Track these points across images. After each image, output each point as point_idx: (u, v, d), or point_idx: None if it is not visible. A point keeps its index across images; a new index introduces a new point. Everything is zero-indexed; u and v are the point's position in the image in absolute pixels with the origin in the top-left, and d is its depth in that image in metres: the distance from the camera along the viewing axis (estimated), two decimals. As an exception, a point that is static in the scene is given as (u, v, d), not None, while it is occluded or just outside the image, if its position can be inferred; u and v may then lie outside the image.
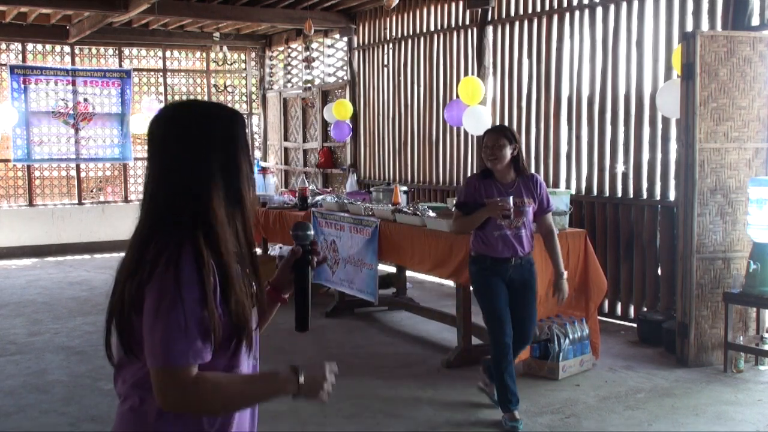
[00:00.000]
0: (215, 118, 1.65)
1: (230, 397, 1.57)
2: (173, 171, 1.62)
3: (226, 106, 1.74)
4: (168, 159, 1.63)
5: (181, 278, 1.51)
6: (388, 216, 6.20)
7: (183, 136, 1.63)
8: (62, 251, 11.24)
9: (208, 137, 1.62)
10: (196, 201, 1.59)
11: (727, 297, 5.30)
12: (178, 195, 1.60)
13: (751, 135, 5.51)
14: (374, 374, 5.35)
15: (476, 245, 4.43)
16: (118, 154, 11.79)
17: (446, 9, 8.74)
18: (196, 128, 1.63)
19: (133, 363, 1.62)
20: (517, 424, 4.36)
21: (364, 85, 10.31)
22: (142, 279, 1.55)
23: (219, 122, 1.65)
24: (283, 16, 9.94)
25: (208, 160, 1.61)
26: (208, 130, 1.63)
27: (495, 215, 4.22)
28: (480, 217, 4.28)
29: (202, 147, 1.62)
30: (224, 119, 1.66)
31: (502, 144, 4.28)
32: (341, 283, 6.79)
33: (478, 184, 4.36)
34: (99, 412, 4.72)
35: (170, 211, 1.60)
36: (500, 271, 4.35)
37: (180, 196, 1.60)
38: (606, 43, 6.82)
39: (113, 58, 11.90)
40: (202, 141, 1.62)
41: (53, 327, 6.85)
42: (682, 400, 4.78)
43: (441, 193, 8.84)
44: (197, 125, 1.63)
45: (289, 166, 12.19)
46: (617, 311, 6.78)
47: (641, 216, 6.52)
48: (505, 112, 7.95)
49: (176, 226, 1.58)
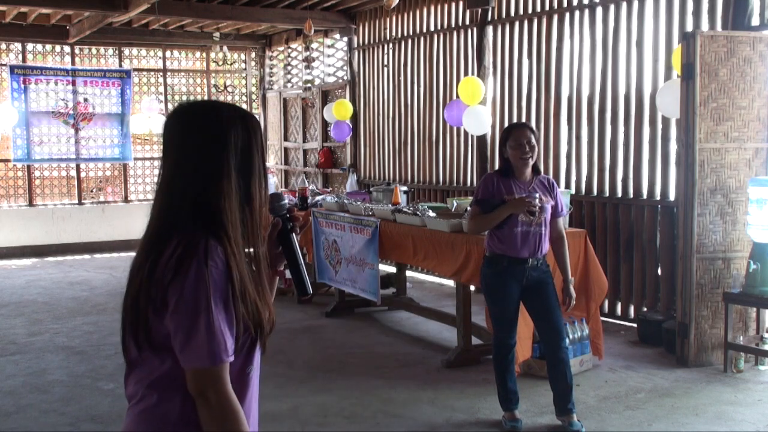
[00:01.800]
0: (230, 119, 1.66)
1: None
2: (188, 170, 1.62)
3: (239, 108, 1.74)
4: (183, 158, 1.64)
5: (211, 278, 1.53)
6: (388, 216, 6.20)
7: (198, 136, 1.64)
8: (62, 251, 11.24)
9: (223, 138, 1.63)
10: (210, 201, 1.61)
11: (727, 297, 5.30)
12: (194, 195, 1.61)
13: (751, 135, 5.51)
14: (374, 374, 5.35)
15: (492, 245, 4.30)
16: (118, 154, 11.79)
17: (446, 9, 8.74)
18: (212, 128, 1.64)
19: (147, 362, 1.62)
20: (517, 424, 4.36)
21: (364, 85, 10.31)
22: (166, 278, 1.55)
23: (234, 123, 1.66)
24: (283, 16, 9.94)
25: (222, 160, 1.62)
26: (224, 131, 1.64)
27: (520, 212, 4.13)
28: (502, 214, 4.16)
29: (217, 147, 1.63)
30: (239, 120, 1.67)
31: (534, 143, 4.24)
32: (345, 283, 6.79)
33: (498, 182, 4.27)
34: (99, 412, 4.72)
35: (186, 211, 1.61)
36: (516, 272, 4.25)
37: (195, 196, 1.61)
38: (606, 43, 6.82)
39: (113, 58, 11.91)
40: (217, 141, 1.63)
41: (53, 327, 6.85)
42: (682, 400, 4.78)
43: (441, 193, 8.83)
44: (212, 125, 1.64)
45: (289, 166, 12.19)
46: (617, 311, 6.78)
47: (641, 216, 6.52)
48: (505, 112, 7.95)
49: (195, 226, 1.59)
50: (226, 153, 1.63)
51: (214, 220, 1.60)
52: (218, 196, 1.61)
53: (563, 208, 4.45)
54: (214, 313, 1.53)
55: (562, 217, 4.44)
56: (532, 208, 4.11)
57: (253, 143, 1.67)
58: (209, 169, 1.61)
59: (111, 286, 8.70)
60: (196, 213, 1.60)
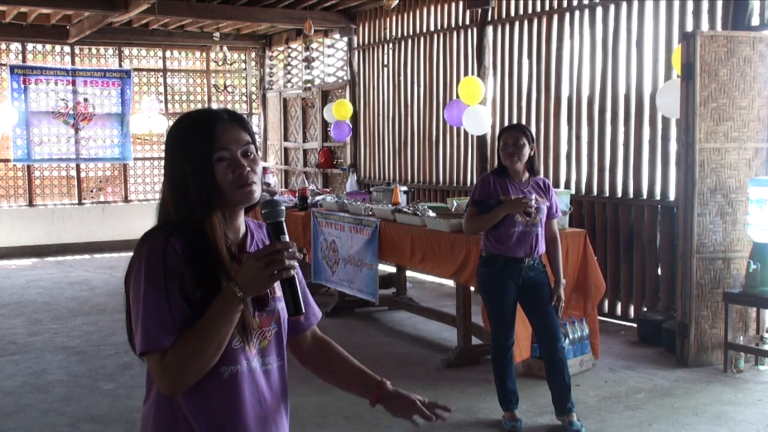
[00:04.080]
0: (175, 125, 1.74)
1: (195, 339, 1.58)
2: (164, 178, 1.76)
3: (187, 113, 1.78)
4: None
5: (142, 271, 1.60)
6: (388, 216, 6.20)
7: (166, 147, 1.76)
8: (62, 251, 11.24)
9: (171, 147, 1.72)
10: (169, 206, 1.70)
11: (727, 297, 5.30)
12: (163, 201, 1.73)
13: (751, 135, 5.51)
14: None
15: (488, 245, 4.32)
16: (118, 154, 11.79)
17: (446, 9, 8.74)
18: (169, 139, 1.73)
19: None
20: (517, 423, 4.36)
21: (364, 85, 10.31)
22: (125, 275, 1.68)
23: (173, 132, 1.73)
24: (283, 16, 9.94)
25: (175, 168, 1.69)
26: (171, 140, 1.72)
27: (516, 212, 4.16)
28: (498, 215, 4.19)
29: (170, 157, 1.71)
30: (173, 128, 1.74)
31: (523, 143, 4.25)
32: (341, 283, 6.79)
33: (494, 183, 4.29)
34: (99, 412, 4.72)
35: (161, 214, 1.73)
36: (513, 272, 4.27)
37: (163, 201, 1.72)
38: (606, 43, 6.82)
39: (113, 58, 11.91)
40: (170, 151, 1.72)
41: (53, 327, 6.85)
42: (682, 400, 4.78)
43: (441, 193, 8.83)
44: (169, 135, 1.74)
45: (289, 166, 12.19)
46: (617, 311, 6.78)
47: (641, 216, 6.52)
48: (505, 112, 7.95)
49: (158, 227, 1.69)
50: (174, 162, 1.70)
51: (180, 222, 1.68)
52: (172, 202, 1.70)
53: (558, 209, 4.46)
54: (148, 304, 1.59)
55: (556, 219, 4.45)
56: (529, 209, 4.13)
57: (176, 151, 1.70)
58: (168, 178, 1.72)
59: (111, 286, 8.70)
60: (166, 216, 1.72)
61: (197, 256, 1.63)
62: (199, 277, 1.62)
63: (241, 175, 1.67)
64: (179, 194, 1.67)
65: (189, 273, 1.61)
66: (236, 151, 1.67)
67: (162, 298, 1.58)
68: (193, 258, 1.62)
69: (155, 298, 1.58)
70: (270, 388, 1.75)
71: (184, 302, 1.60)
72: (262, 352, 1.72)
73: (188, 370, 1.58)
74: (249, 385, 1.69)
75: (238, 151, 1.68)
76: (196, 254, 1.63)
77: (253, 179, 1.69)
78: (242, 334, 1.66)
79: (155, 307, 1.58)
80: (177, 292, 1.59)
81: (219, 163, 1.66)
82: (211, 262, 1.64)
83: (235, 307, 1.58)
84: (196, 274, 1.62)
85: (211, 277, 1.63)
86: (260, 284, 1.57)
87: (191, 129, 1.69)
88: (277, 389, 1.77)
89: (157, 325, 1.58)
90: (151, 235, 1.66)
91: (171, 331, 1.58)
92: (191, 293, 1.61)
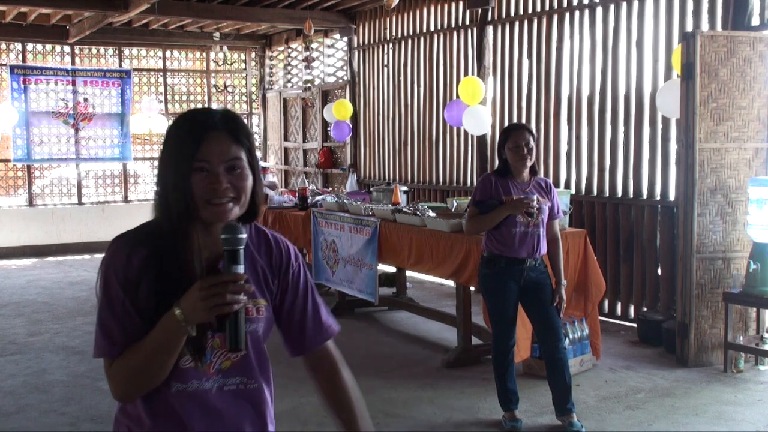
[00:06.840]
0: (170, 124, 1.71)
1: (137, 356, 1.56)
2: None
3: (188, 111, 1.69)
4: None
5: (101, 281, 1.62)
6: (388, 216, 6.20)
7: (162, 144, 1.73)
8: (62, 251, 11.24)
9: (164, 144, 1.67)
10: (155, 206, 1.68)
11: (727, 297, 5.30)
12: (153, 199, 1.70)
13: (751, 135, 5.51)
14: (374, 374, 5.35)
15: (490, 245, 4.30)
16: (118, 154, 11.79)
17: (446, 9, 8.74)
18: (165, 136, 1.69)
19: None
20: (517, 423, 4.36)
21: (364, 85, 10.31)
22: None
23: (168, 129, 1.67)
24: (283, 16, 9.94)
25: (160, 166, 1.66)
26: (165, 138, 1.67)
27: (518, 213, 4.14)
28: (499, 216, 4.17)
29: (161, 154, 1.68)
30: (170, 124, 1.70)
31: (532, 145, 4.24)
32: (341, 283, 6.79)
33: (496, 183, 4.28)
34: (99, 412, 4.72)
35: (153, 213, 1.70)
36: (514, 273, 4.25)
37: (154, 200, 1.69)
38: (606, 43, 6.82)
39: (113, 58, 11.91)
40: (162, 148, 1.67)
41: (53, 327, 6.85)
42: (682, 400, 4.78)
43: (441, 193, 8.83)
44: (165, 133, 1.70)
45: (289, 166, 12.19)
46: (617, 311, 6.78)
47: (641, 216, 6.52)
48: (505, 112, 7.96)
49: (129, 232, 1.67)
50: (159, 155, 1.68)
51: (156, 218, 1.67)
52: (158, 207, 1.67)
53: (559, 210, 4.46)
54: (103, 312, 1.60)
55: (558, 219, 4.45)
56: (530, 210, 4.11)
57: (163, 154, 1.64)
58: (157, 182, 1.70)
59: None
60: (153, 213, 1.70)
61: (157, 268, 1.58)
62: (154, 291, 1.58)
63: (214, 190, 1.56)
64: (161, 195, 1.62)
65: (145, 286, 1.57)
66: (217, 164, 1.56)
67: (114, 310, 1.58)
68: (151, 270, 1.58)
69: (108, 309, 1.59)
70: (233, 408, 1.66)
71: (137, 316, 1.57)
72: (223, 372, 1.64)
73: (132, 383, 1.58)
74: (199, 404, 1.62)
75: (221, 165, 1.57)
76: (157, 267, 1.58)
77: (228, 196, 1.57)
78: (193, 353, 1.59)
79: (107, 317, 1.59)
80: (130, 305, 1.58)
81: (198, 172, 1.56)
82: (169, 277, 1.57)
83: (176, 331, 1.51)
84: (151, 288, 1.57)
85: (165, 292, 1.56)
86: (200, 315, 1.48)
87: (182, 129, 1.62)
88: (245, 410, 1.69)
89: (107, 335, 1.59)
90: (118, 242, 1.63)
91: (119, 343, 1.58)
92: (145, 306, 1.57)
